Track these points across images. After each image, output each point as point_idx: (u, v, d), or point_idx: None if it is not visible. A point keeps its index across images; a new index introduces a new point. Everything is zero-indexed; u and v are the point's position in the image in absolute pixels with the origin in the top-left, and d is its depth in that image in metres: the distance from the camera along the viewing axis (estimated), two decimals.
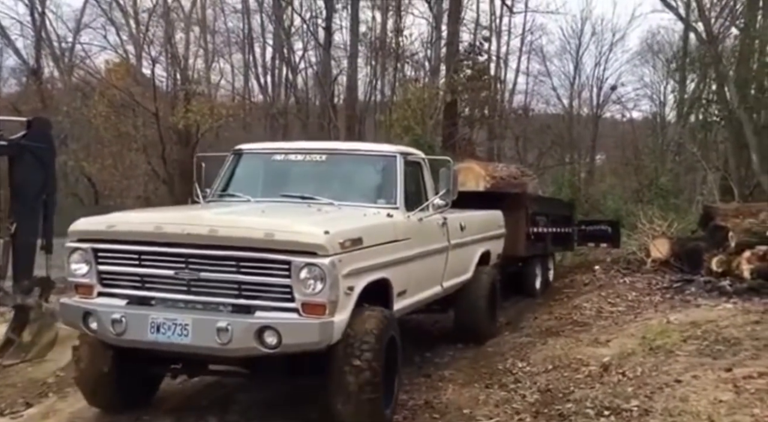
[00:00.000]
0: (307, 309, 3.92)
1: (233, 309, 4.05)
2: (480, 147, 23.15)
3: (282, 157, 5.66)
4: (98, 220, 4.42)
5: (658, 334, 6.17)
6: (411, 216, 5.22)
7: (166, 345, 4.05)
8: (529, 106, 26.69)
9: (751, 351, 5.14)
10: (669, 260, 9.98)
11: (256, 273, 4.00)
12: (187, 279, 4.10)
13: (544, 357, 5.93)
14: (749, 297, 7.59)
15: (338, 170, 5.64)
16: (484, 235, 7.19)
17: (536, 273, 9.78)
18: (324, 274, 3.88)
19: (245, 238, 4.00)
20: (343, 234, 4.16)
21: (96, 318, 4.16)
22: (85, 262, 4.30)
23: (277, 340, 3.84)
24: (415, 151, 6.08)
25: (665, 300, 8.06)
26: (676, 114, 25.07)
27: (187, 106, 17.99)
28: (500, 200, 8.26)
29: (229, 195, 5.54)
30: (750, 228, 8.33)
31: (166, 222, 4.25)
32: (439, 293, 6.03)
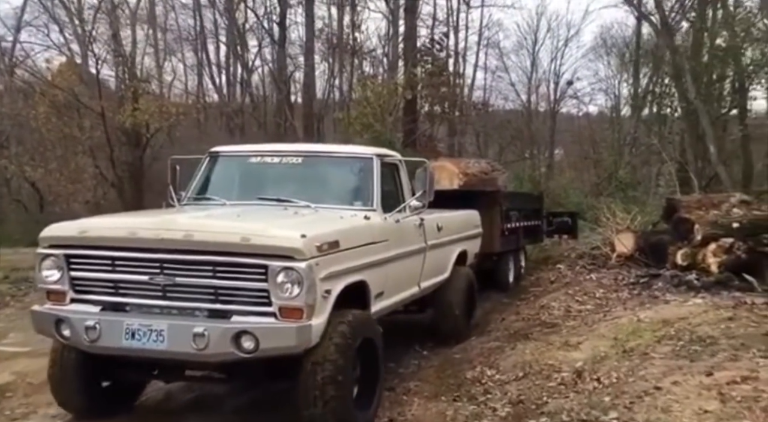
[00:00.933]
0: (284, 313, 3.90)
1: (209, 314, 4.01)
2: (441, 143, 22.94)
3: (258, 159, 5.61)
4: (70, 226, 4.37)
5: (630, 335, 5.91)
6: (388, 217, 5.19)
7: (140, 352, 4.01)
8: (488, 102, 26.68)
9: (729, 351, 4.89)
10: (634, 254, 9.83)
11: (232, 278, 3.97)
12: (162, 285, 4.06)
13: (514, 364, 5.60)
14: (717, 292, 7.43)
15: (315, 172, 5.59)
16: (461, 235, 7.19)
17: (509, 268, 9.77)
18: (301, 278, 3.86)
19: (221, 243, 3.97)
20: (320, 237, 4.12)
21: (69, 325, 4.10)
22: (57, 269, 4.23)
23: (255, 345, 3.81)
24: (391, 153, 6.02)
25: (633, 296, 7.86)
26: (631, 108, 25.42)
27: (135, 105, 17.16)
28: (475, 198, 8.22)
29: (205, 198, 5.45)
30: (716, 221, 8.20)
31: (140, 227, 4.20)
32: (417, 294, 6.00)
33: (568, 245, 11.83)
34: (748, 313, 6.10)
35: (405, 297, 5.71)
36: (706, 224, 8.27)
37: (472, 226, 7.73)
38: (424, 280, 6.10)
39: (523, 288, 9.43)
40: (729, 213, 8.66)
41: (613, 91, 28.80)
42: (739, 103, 17.69)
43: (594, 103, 43.37)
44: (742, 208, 9.15)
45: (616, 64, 27.76)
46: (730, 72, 18.82)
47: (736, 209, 9.09)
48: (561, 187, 18.63)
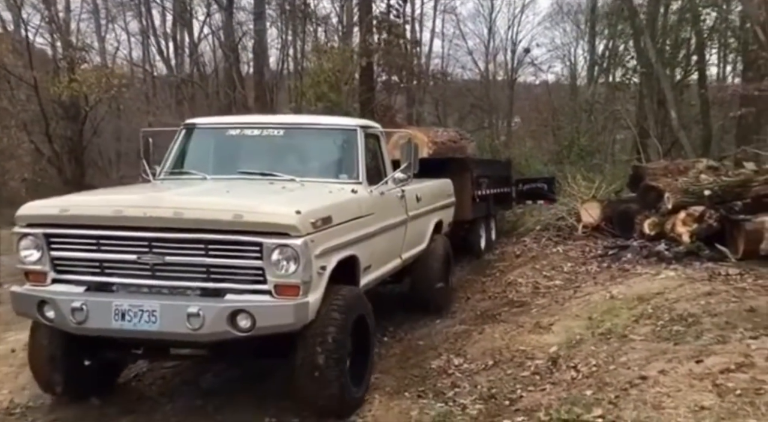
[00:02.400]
0: (280, 290, 3.82)
1: (202, 293, 3.91)
2: (399, 113, 22.28)
3: (237, 131, 5.44)
4: (49, 204, 4.18)
5: (605, 314, 5.51)
6: (373, 190, 5.14)
7: (132, 333, 3.88)
8: (446, 71, 26.05)
9: (715, 331, 4.51)
10: (600, 225, 9.50)
11: (225, 256, 3.85)
12: (151, 264, 3.92)
13: (483, 351, 5.14)
14: (689, 262, 7.12)
15: (297, 145, 5.45)
16: (438, 205, 7.20)
17: (480, 235, 9.75)
18: (297, 255, 3.77)
19: (213, 220, 3.84)
20: (314, 213, 4.03)
21: (53, 306, 3.94)
22: (36, 248, 4.06)
23: (251, 323, 3.72)
24: (373, 124, 5.95)
25: (602, 269, 7.50)
26: (587, 75, 25.20)
27: (71, 75, 15.95)
28: (445, 166, 8.14)
29: (183, 172, 5.25)
30: (686, 189, 7.84)
31: (126, 204, 4.03)
32: (399, 265, 5.92)
33: (533, 216, 11.44)
34: (725, 286, 5.76)
35: (389, 269, 5.64)
36: (676, 192, 7.91)
37: (447, 195, 7.72)
38: (406, 251, 6.05)
39: (488, 263, 8.99)
40: (698, 180, 8.34)
41: (570, 58, 28.55)
42: (698, 68, 17.51)
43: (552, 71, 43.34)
44: (710, 174, 8.87)
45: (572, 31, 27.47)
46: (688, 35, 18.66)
47: (704, 175, 8.79)
48: (522, 155, 18.25)
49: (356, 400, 4.24)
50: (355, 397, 4.23)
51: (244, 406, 4.41)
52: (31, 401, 4.64)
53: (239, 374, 5.08)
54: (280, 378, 4.79)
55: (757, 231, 7.04)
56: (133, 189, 5.15)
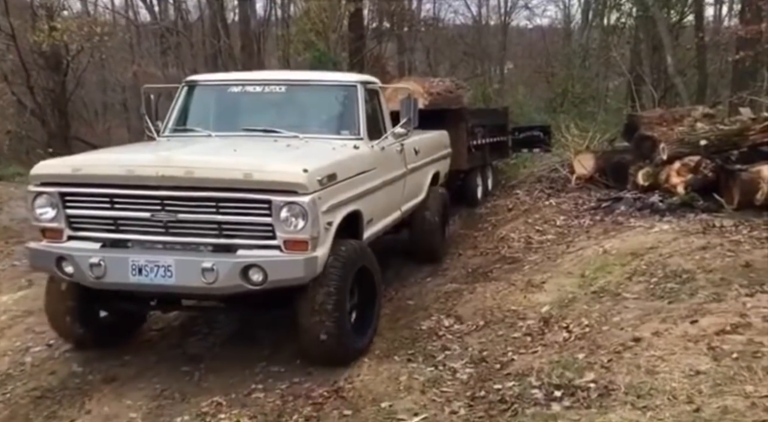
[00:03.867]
0: (289, 245, 3.98)
1: (214, 249, 4.07)
2: (390, 62, 21.73)
3: (239, 88, 5.54)
4: (61, 163, 4.31)
5: (598, 270, 5.42)
6: (374, 146, 5.26)
7: (150, 287, 4.08)
8: (438, 16, 25.32)
9: (710, 288, 4.43)
10: (594, 176, 9.35)
11: (235, 213, 4.01)
12: (165, 221, 4.07)
13: (474, 310, 5.06)
14: (683, 214, 6.99)
15: (298, 101, 5.54)
16: (435, 156, 7.29)
17: (477, 184, 9.81)
18: (305, 212, 3.92)
19: (223, 179, 3.98)
20: (321, 171, 4.16)
21: (71, 262, 4.09)
22: (51, 206, 4.17)
23: (263, 277, 3.90)
24: (372, 79, 6.03)
25: (596, 223, 7.37)
26: (582, 18, 24.54)
27: (50, 23, 15.32)
28: (441, 116, 8.14)
29: (186, 129, 5.40)
30: (682, 139, 7.65)
31: (138, 164, 4.13)
32: (398, 217, 6.08)
33: (525, 168, 11.27)
34: (720, 240, 5.65)
35: (390, 222, 5.80)
36: (672, 142, 7.73)
37: (443, 147, 7.81)
38: (405, 204, 6.22)
39: (481, 217, 8.86)
40: (693, 129, 8.16)
41: (564, 1, 27.76)
42: (695, 9, 17.01)
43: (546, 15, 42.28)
44: (706, 123, 8.68)
45: None
46: None
47: (700, 124, 8.60)
48: (516, 102, 17.90)
49: (358, 350, 4.41)
50: (357, 346, 4.41)
51: (231, 371, 4.35)
52: (11, 368, 4.57)
53: (225, 337, 5.02)
54: (267, 342, 4.78)
55: (753, 181, 6.90)
56: (142, 147, 5.24)
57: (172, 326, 5.30)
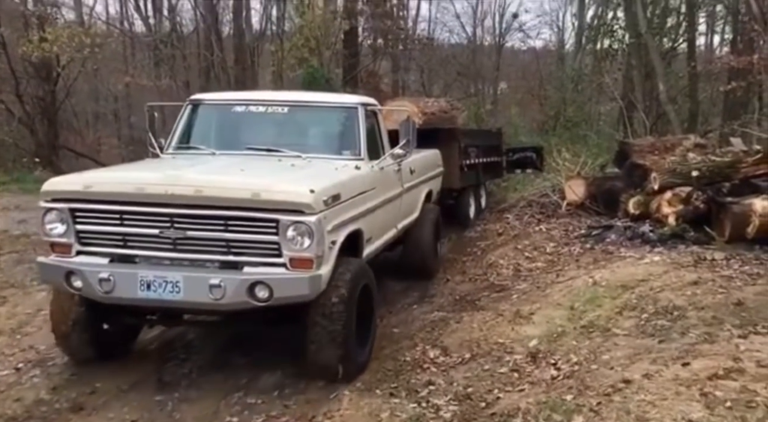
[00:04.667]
0: (295, 263, 4.09)
1: (221, 265, 4.16)
2: (384, 79, 21.72)
3: (243, 108, 5.68)
4: (73, 180, 4.42)
5: (588, 303, 5.31)
6: (374, 166, 5.42)
7: (157, 302, 4.18)
8: (433, 35, 25.40)
9: (701, 328, 4.32)
10: (585, 202, 9.29)
11: (243, 231, 4.11)
12: (173, 238, 4.15)
13: (461, 341, 4.92)
14: (674, 245, 6.92)
15: (301, 121, 5.72)
16: (428, 175, 7.49)
17: (470, 203, 9.94)
18: (311, 231, 4.04)
19: (232, 199, 4.08)
20: (326, 191, 4.30)
21: (80, 277, 4.18)
22: (61, 222, 4.27)
23: (269, 294, 4.00)
24: (372, 101, 6.19)
25: (586, 251, 7.28)
26: (575, 42, 24.70)
27: (41, 34, 15.17)
28: (434, 135, 8.22)
29: (190, 147, 5.55)
30: (674, 169, 7.61)
31: (148, 182, 4.22)
32: (395, 235, 6.19)
33: (516, 190, 11.21)
34: (712, 274, 5.57)
35: (387, 239, 5.91)
36: (663, 172, 7.68)
37: (436, 166, 8.02)
38: (400, 222, 6.34)
39: (470, 241, 8.75)
40: (685, 159, 8.12)
41: (558, 24, 27.97)
42: (688, 38, 17.15)
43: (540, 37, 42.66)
44: (698, 152, 8.65)
45: None
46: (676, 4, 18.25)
47: (692, 154, 8.57)
48: (509, 124, 17.90)
49: (361, 364, 4.58)
50: (360, 361, 4.57)
51: (206, 401, 4.21)
52: None
53: (203, 363, 4.86)
54: (245, 370, 4.62)
55: (745, 214, 6.84)
56: (149, 165, 5.32)
57: (148, 350, 5.13)
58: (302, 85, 14.11)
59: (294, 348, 4.79)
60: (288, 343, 5.05)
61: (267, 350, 5.07)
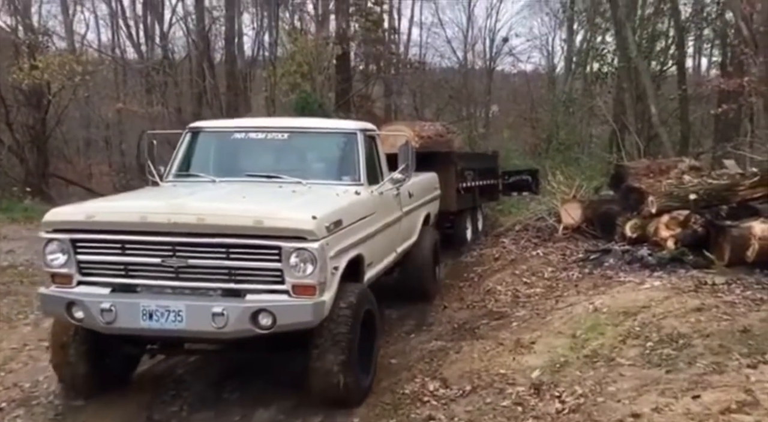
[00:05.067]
0: (298, 290, 4.07)
1: (223, 293, 4.13)
2: (377, 103, 21.76)
3: (242, 135, 5.69)
4: (75, 210, 4.41)
5: (590, 330, 5.18)
6: (374, 191, 5.44)
7: (159, 332, 4.14)
8: (424, 60, 25.56)
9: (709, 357, 4.20)
10: (581, 226, 9.22)
11: (245, 259, 4.09)
12: (175, 266, 4.12)
13: (461, 373, 4.77)
14: (673, 269, 6.84)
15: (300, 147, 5.72)
16: (426, 199, 7.52)
17: (467, 226, 10.11)
18: (314, 257, 4.02)
19: (235, 226, 4.07)
20: (328, 217, 4.29)
21: (82, 307, 4.14)
22: (62, 252, 4.23)
23: (272, 322, 3.97)
24: (371, 126, 6.23)
25: (584, 276, 7.18)
26: (565, 66, 24.91)
27: (32, 61, 15.12)
28: (430, 159, 8.26)
29: (190, 175, 5.54)
30: (671, 192, 7.56)
31: (150, 211, 4.20)
32: (394, 259, 6.18)
33: (512, 213, 11.14)
34: (714, 300, 5.47)
35: (387, 264, 5.92)
36: (661, 195, 7.63)
37: (433, 189, 8.08)
38: (399, 245, 6.34)
39: (466, 266, 8.64)
40: (682, 182, 8.08)
41: (548, 48, 28.24)
42: (677, 61, 17.28)
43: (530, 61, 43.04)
44: (693, 175, 8.62)
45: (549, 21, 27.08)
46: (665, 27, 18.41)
47: (688, 176, 8.54)
48: (502, 147, 17.92)
49: (365, 389, 4.56)
50: (364, 386, 4.54)
51: None
52: None
53: (194, 400, 4.68)
54: (237, 407, 4.46)
55: (744, 237, 6.78)
56: (150, 193, 5.28)
57: (136, 387, 4.95)
58: (295, 110, 14.08)
59: (288, 381, 4.68)
60: (281, 376, 4.94)
61: (260, 383, 4.92)
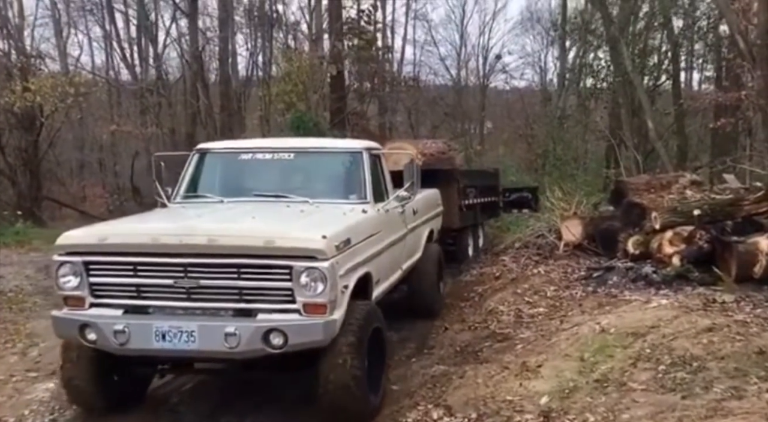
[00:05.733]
0: (308, 309, 4.10)
1: (234, 313, 4.17)
2: (372, 121, 21.70)
3: (249, 155, 5.76)
4: (88, 233, 4.45)
5: (597, 352, 4.99)
6: (380, 209, 5.50)
7: (172, 353, 4.15)
8: (418, 77, 25.60)
9: (726, 381, 4.02)
10: (582, 243, 9.05)
11: (256, 278, 4.13)
12: (187, 287, 4.17)
13: (466, 400, 4.57)
14: (680, 287, 6.66)
15: (306, 167, 5.77)
16: (430, 215, 7.54)
17: (468, 243, 10.13)
18: (324, 276, 4.05)
19: (246, 246, 4.12)
20: (337, 236, 4.33)
21: (95, 329, 4.18)
22: (74, 275, 4.27)
23: (284, 341, 4.00)
24: (375, 145, 6.35)
25: (588, 294, 7.00)
26: (558, 82, 24.98)
27: (24, 84, 15.00)
28: (432, 177, 8.19)
29: (198, 196, 5.62)
30: (675, 208, 7.42)
31: (162, 233, 4.26)
32: (400, 276, 6.21)
33: (509, 231, 10.99)
34: (725, 319, 5.29)
35: (393, 281, 5.96)
36: (664, 211, 7.48)
37: (436, 205, 8.09)
38: (405, 262, 6.39)
39: (466, 286, 8.46)
40: (684, 197, 7.95)
41: (540, 65, 28.34)
42: (672, 75, 17.31)
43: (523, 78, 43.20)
44: (695, 190, 8.50)
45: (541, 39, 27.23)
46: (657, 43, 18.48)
47: (689, 191, 8.42)
48: (499, 163, 17.82)
49: (375, 408, 4.53)
50: (374, 405, 4.52)
51: None
52: None
53: None
54: None
55: (751, 253, 6.63)
56: (160, 215, 5.34)
57: None
58: (290, 129, 13.98)
59: (288, 408, 4.49)
60: (280, 403, 4.75)
61: (260, 413, 4.72)
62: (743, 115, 12.15)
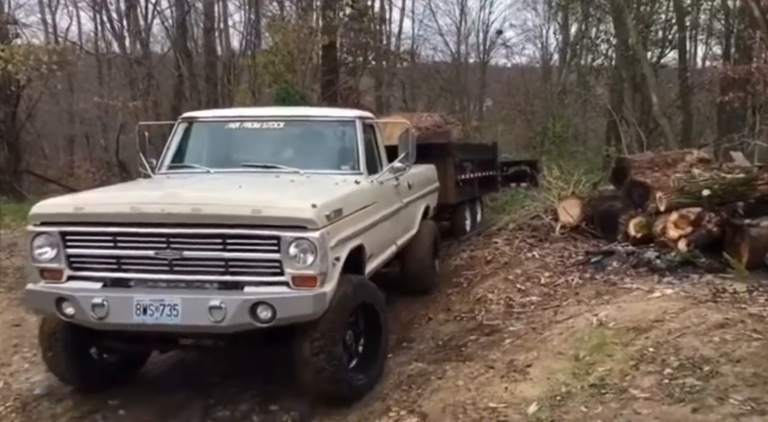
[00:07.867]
0: (298, 281, 3.96)
1: (220, 286, 4.04)
2: (367, 96, 20.97)
3: (237, 124, 5.59)
4: (63, 202, 4.32)
5: (595, 351, 4.42)
6: (374, 180, 5.34)
7: (154, 327, 4.00)
8: (416, 52, 24.78)
9: (743, 390, 3.45)
10: (580, 224, 8.45)
11: (243, 250, 3.99)
12: (170, 259, 4.02)
13: (443, 405, 4.00)
14: (686, 274, 6.09)
15: (297, 137, 5.62)
16: (425, 191, 7.36)
17: (465, 217, 9.82)
18: (314, 247, 3.92)
19: (232, 216, 3.97)
20: (328, 206, 4.18)
21: (72, 303, 4.03)
22: (51, 246, 4.11)
23: (272, 314, 3.87)
24: (369, 114, 6.17)
25: (585, 282, 6.42)
26: (560, 58, 24.21)
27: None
28: (428, 150, 7.79)
29: (184, 166, 5.43)
30: (682, 188, 6.80)
31: (143, 201, 4.10)
32: (394, 252, 6.03)
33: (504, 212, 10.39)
34: (739, 313, 4.72)
35: (387, 256, 5.77)
36: (669, 191, 6.87)
37: (433, 181, 7.89)
38: (400, 238, 6.21)
39: (455, 271, 7.86)
40: (692, 176, 7.32)
41: (542, 40, 27.45)
42: (679, 48, 16.55)
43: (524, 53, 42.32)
44: (702, 168, 7.87)
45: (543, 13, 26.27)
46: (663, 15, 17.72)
47: (697, 170, 7.78)
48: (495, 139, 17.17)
49: (359, 387, 4.33)
50: (357, 384, 4.32)
51: None
52: None
53: None
54: None
55: (765, 237, 6.06)
56: (142, 185, 5.17)
57: None
58: (275, 103, 13.30)
59: None
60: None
61: None
62: (753, 89, 11.44)
